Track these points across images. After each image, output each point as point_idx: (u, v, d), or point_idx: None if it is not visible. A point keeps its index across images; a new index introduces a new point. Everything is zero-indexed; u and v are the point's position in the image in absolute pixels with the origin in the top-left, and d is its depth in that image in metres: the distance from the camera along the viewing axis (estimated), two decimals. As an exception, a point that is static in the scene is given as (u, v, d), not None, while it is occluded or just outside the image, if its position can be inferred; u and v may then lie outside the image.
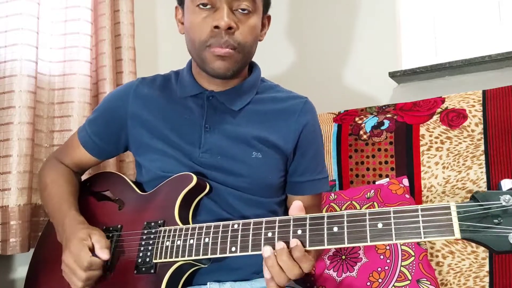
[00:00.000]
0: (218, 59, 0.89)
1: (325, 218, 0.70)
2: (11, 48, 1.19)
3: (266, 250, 0.71)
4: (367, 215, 0.67)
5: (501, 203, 0.60)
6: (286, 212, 1.03)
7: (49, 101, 1.34)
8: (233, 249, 0.75)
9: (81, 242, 0.83)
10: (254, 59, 1.06)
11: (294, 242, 0.69)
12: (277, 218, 0.74)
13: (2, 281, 1.26)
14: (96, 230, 0.88)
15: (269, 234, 0.73)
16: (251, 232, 0.74)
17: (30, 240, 1.19)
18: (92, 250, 0.83)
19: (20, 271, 1.28)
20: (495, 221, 0.60)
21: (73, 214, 0.92)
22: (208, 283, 0.89)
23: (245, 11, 0.89)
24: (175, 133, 0.96)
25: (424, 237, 0.63)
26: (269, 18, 1.03)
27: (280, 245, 0.70)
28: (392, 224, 0.65)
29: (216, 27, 0.86)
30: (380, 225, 0.66)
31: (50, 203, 0.99)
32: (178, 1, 1.00)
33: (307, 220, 0.71)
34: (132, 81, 1.06)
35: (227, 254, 0.75)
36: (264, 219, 0.75)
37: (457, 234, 0.61)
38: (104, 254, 0.83)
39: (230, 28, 0.87)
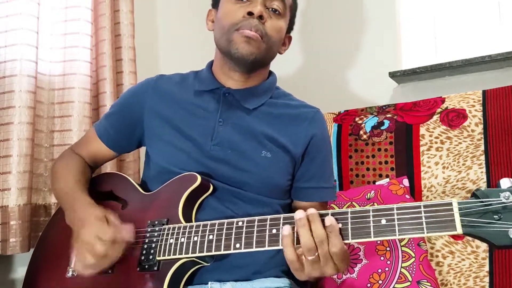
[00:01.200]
0: (244, 41, 0.94)
1: (329, 215, 0.71)
2: (11, 48, 1.19)
3: (299, 213, 0.71)
4: (371, 211, 0.69)
5: (501, 200, 0.62)
6: None
7: (49, 101, 1.34)
8: (237, 245, 0.75)
9: (101, 219, 0.84)
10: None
11: (328, 220, 0.69)
12: (282, 216, 0.75)
13: (2, 281, 1.26)
14: (110, 213, 0.87)
15: (274, 231, 0.74)
16: (255, 229, 0.75)
17: (30, 240, 1.18)
18: None
19: (20, 271, 1.28)
20: (495, 217, 0.62)
21: (84, 197, 0.94)
22: (210, 282, 0.89)
23: (276, 12, 0.98)
24: (189, 125, 0.99)
25: (427, 232, 0.65)
26: (290, 38, 1.11)
27: (312, 210, 0.71)
28: (396, 220, 0.67)
29: (250, 13, 0.94)
30: (383, 221, 0.67)
31: (61, 188, 1.00)
32: (212, 4, 1.07)
33: None
34: (151, 78, 1.10)
35: (231, 251, 0.76)
36: (269, 216, 0.76)
37: (459, 229, 0.63)
38: (128, 232, 0.84)
39: (261, 17, 0.94)
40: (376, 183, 1.36)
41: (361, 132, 1.47)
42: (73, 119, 1.32)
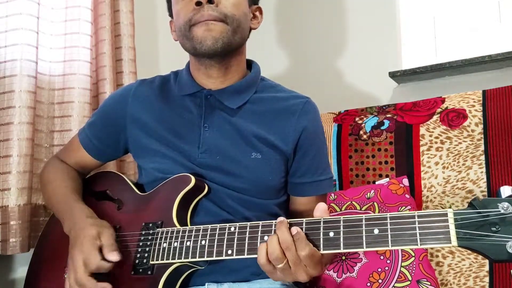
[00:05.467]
0: (203, 31, 0.88)
1: (321, 223, 0.70)
2: (11, 48, 1.19)
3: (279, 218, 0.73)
4: (364, 220, 0.67)
5: (499, 211, 0.59)
6: (287, 214, 1.02)
7: (49, 101, 1.34)
8: (229, 252, 0.75)
9: (92, 241, 0.81)
10: (253, 59, 1.06)
11: (294, 229, 0.69)
12: (274, 222, 0.74)
13: (2, 281, 1.26)
14: (105, 227, 0.86)
15: (265, 238, 0.73)
16: (247, 235, 0.75)
17: (30, 240, 1.18)
18: (101, 250, 0.82)
19: (20, 271, 1.28)
20: (493, 229, 0.59)
21: (81, 206, 0.93)
22: (206, 284, 0.89)
23: None
24: (174, 134, 0.96)
25: (421, 244, 0.62)
26: (260, 9, 1.03)
27: (280, 218, 0.72)
28: (389, 230, 0.65)
29: (198, 3, 0.87)
30: (376, 231, 0.65)
31: (54, 197, 0.99)
32: (169, 15, 1.03)
33: (303, 224, 0.71)
34: (131, 84, 1.07)
35: (223, 257, 0.75)
36: (261, 222, 0.75)
37: (454, 242, 0.60)
38: (113, 256, 0.81)
39: (211, 1, 0.87)
40: (376, 182, 1.36)
41: (361, 132, 1.47)
42: (73, 119, 1.32)
